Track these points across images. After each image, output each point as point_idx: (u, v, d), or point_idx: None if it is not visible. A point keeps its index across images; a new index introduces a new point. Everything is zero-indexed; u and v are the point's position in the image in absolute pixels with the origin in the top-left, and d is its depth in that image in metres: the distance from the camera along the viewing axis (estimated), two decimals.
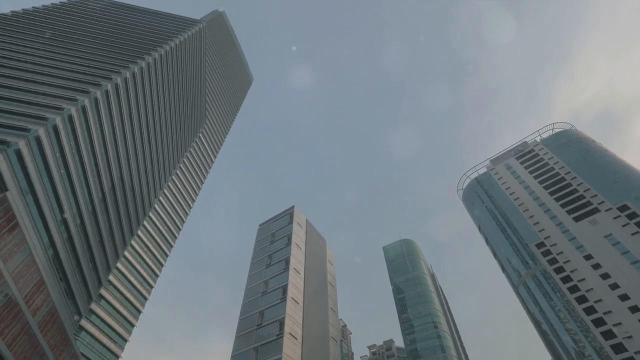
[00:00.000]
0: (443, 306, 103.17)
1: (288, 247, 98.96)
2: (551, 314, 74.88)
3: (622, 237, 74.26)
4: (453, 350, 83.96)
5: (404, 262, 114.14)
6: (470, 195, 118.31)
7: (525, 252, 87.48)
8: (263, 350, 74.55)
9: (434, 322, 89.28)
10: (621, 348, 60.43)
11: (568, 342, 69.61)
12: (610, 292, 67.51)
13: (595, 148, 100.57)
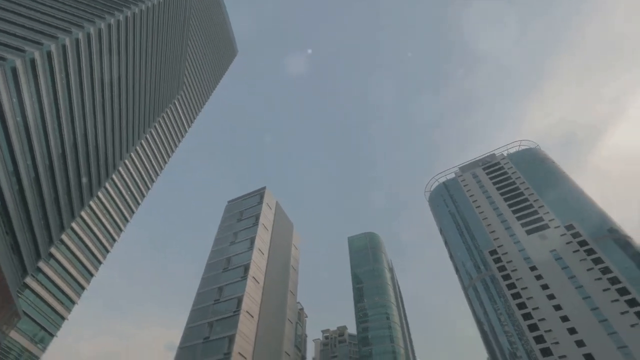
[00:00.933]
0: (397, 299, 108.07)
1: (255, 227, 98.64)
2: (493, 316, 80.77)
3: (564, 253, 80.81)
4: (401, 341, 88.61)
5: (367, 254, 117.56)
6: (436, 198, 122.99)
7: (478, 257, 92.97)
8: (218, 325, 74.64)
9: (387, 314, 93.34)
10: (548, 352, 66.66)
11: (504, 343, 75.69)
12: (547, 302, 73.71)
13: (554, 169, 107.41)
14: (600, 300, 68.51)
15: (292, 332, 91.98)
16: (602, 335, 64.08)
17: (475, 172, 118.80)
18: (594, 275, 73.21)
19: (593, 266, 74.56)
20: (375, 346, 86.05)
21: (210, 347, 70.81)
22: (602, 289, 69.94)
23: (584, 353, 63.60)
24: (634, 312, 64.10)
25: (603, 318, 66.02)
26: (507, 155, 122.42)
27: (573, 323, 68.10)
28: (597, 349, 62.90)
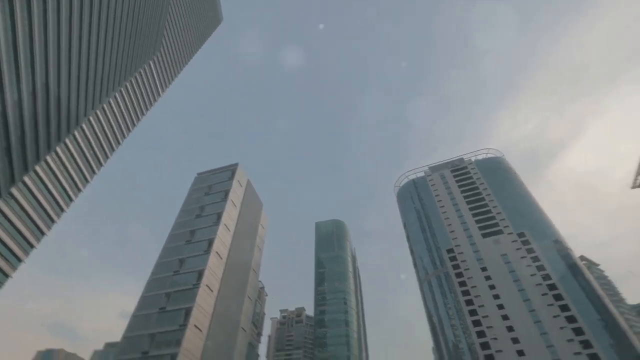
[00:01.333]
0: (356, 286, 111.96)
1: (223, 203, 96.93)
2: (442, 310, 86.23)
3: (513, 258, 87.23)
4: (355, 326, 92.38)
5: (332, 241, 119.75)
6: (404, 194, 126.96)
7: (436, 254, 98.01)
8: (176, 296, 73.57)
9: (345, 299, 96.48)
10: (487, 346, 72.60)
11: (449, 335, 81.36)
12: (492, 301, 79.70)
13: (514, 179, 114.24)
14: (538, 305, 75.17)
15: (250, 309, 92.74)
16: (535, 335, 70.68)
17: (444, 174, 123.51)
18: (535, 281, 79.92)
19: (536, 272, 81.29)
20: (330, 329, 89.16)
21: (166, 318, 69.84)
22: (541, 294, 76.70)
23: (517, 349, 69.96)
24: (564, 316, 71.06)
25: (538, 319, 72.70)
26: (475, 161, 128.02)
27: (512, 322, 74.36)
28: (529, 347, 69.42)
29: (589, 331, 68.15)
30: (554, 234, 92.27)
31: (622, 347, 66.71)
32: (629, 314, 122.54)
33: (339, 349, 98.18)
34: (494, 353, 70.69)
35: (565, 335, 68.64)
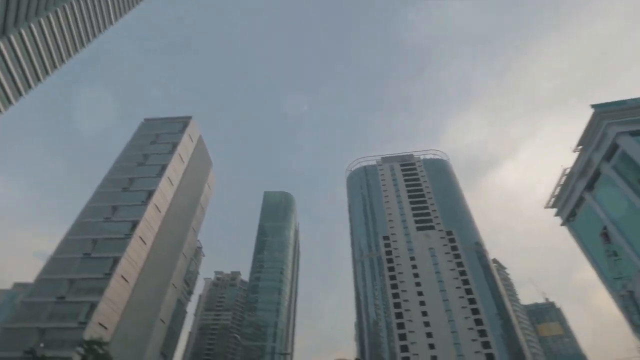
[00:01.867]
0: (294, 259, 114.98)
1: (170, 155, 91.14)
2: (370, 290, 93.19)
3: (439, 252, 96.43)
4: (287, 296, 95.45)
5: (278, 212, 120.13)
6: (354, 178, 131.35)
7: (373, 239, 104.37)
8: (104, 244, 68.80)
9: (282, 269, 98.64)
10: (402, 326, 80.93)
11: (372, 313, 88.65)
12: (414, 287, 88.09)
13: (454, 183, 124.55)
14: (451, 296, 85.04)
15: (184, 266, 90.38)
16: (443, 322, 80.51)
17: (393, 166, 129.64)
18: (453, 275, 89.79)
19: (455, 267, 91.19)
20: (263, 295, 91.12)
21: (90, 264, 65.22)
22: (456, 287, 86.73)
23: (427, 332, 79.07)
24: (470, 308, 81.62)
25: (449, 308, 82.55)
26: (423, 159, 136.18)
27: (427, 308, 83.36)
28: (437, 330, 78.86)
29: (487, 322, 79.47)
30: (476, 236, 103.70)
31: (510, 338, 79.47)
32: (520, 312, 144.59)
33: (268, 314, 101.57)
34: (407, 333, 79.06)
35: (468, 324, 79.16)
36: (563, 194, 72.39)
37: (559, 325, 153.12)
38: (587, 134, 64.21)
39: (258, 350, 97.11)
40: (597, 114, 61.33)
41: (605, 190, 61.01)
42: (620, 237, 56.30)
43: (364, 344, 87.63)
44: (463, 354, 74.53)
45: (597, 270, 61.96)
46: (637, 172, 51.83)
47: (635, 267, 52.36)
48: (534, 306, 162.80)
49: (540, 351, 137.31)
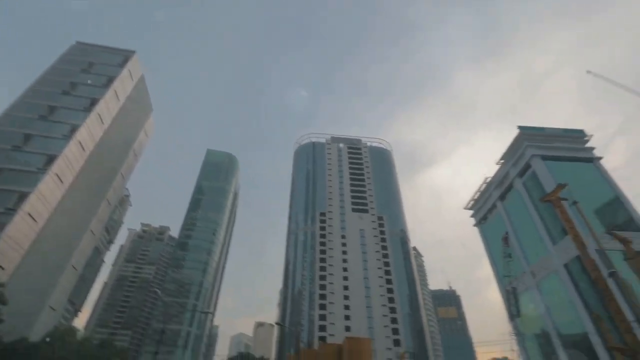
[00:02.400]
0: (229, 223, 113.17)
1: (104, 89, 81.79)
2: (299, 261, 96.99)
3: (368, 234, 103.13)
4: (217, 258, 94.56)
5: (219, 172, 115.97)
6: (302, 152, 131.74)
7: (311, 213, 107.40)
8: (9, 175, 61.05)
9: (215, 230, 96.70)
10: (324, 297, 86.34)
11: (297, 282, 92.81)
12: (341, 263, 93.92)
13: (392, 173, 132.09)
14: (372, 275, 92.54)
15: (106, 212, 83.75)
16: (361, 296, 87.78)
17: (341, 147, 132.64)
18: (377, 256, 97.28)
19: (380, 250, 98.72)
20: (191, 253, 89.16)
21: None
22: (377, 267, 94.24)
23: (345, 304, 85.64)
24: (386, 287, 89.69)
25: (368, 286, 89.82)
26: (369, 146, 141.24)
27: (349, 283, 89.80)
28: (355, 303, 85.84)
29: (398, 301, 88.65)
30: (402, 224, 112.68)
31: (415, 317, 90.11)
32: (427, 296, 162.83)
33: (194, 273, 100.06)
34: (327, 303, 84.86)
35: (382, 302, 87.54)
36: (481, 199, 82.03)
37: (455, 310, 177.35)
38: (509, 151, 72.93)
39: (178, 306, 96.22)
40: (521, 135, 69.79)
41: (513, 202, 70.55)
42: (516, 243, 66.07)
43: (286, 310, 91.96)
44: (373, 327, 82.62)
45: (493, 267, 72.33)
46: (540, 192, 60.34)
47: (522, 268, 62.22)
48: (439, 292, 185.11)
49: (437, 330, 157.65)
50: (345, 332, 76.56)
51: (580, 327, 49.95)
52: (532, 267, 61.81)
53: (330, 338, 75.01)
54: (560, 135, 69.62)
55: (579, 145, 68.04)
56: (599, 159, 65.05)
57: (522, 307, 56.76)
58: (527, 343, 59.07)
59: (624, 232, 44.21)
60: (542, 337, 58.14)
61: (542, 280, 59.49)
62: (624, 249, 35.16)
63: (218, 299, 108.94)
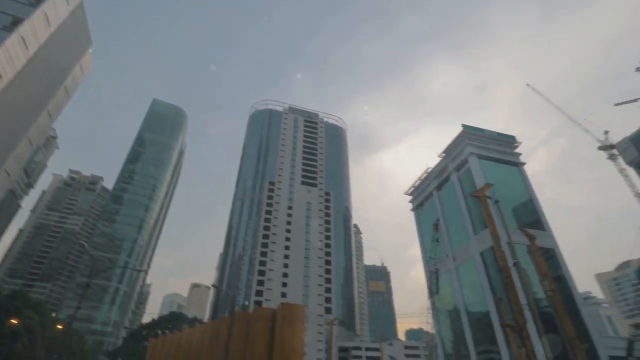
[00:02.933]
0: (172, 181, 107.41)
1: (31, 9, 70.19)
2: (243, 227, 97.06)
3: (314, 208, 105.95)
4: (155, 215, 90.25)
5: (165, 125, 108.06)
6: (257, 118, 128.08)
7: (260, 181, 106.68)
8: None
9: (155, 186, 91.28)
10: (264, 264, 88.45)
11: (239, 247, 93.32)
12: (284, 233, 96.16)
13: (344, 151, 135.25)
14: (313, 247, 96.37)
15: (27, 153, 74.58)
16: (300, 265, 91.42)
17: (298, 119, 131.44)
18: (319, 230, 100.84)
19: (323, 224, 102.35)
20: (126, 208, 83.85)
21: None
22: (319, 240, 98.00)
23: (284, 272, 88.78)
24: (325, 259, 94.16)
25: (308, 256, 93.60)
26: (325, 121, 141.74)
27: (290, 252, 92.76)
28: (293, 272, 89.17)
29: (334, 273, 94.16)
30: (347, 202, 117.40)
31: (347, 287, 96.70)
32: (360, 270, 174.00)
33: (128, 229, 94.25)
34: (266, 270, 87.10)
35: (319, 272, 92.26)
36: (420, 187, 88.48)
37: (384, 284, 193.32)
38: (451, 146, 79.08)
39: (108, 262, 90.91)
40: (463, 132, 76.00)
41: (447, 193, 77.39)
42: (444, 229, 73.23)
43: (225, 273, 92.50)
44: (308, 294, 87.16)
45: (422, 250, 79.67)
46: (471, 187, 66.81)
47: (446, 252, 69.53)
48: (372, 267, 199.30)
49: (365, 301, 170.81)
50: (282, 298, 79.85)
51: (485, 307, 58.23)
52: (454, 252, 69.47)
53: (266, 303, 77.79)
54: (495, 138, 76.83)
55: (509, 149, 75.87)
56: (523, 164, 73.49)
57: (441, 286, 63.77)
58: (441, 317, 67.27)
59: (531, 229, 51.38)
60: (454, 312, 66.69)
61: (460, 265, 67.33)
62: (529, 243, 41.08)
63: (153, 258, 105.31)
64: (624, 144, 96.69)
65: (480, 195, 37.20)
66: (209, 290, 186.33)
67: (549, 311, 45.85)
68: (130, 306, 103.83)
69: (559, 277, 54.70)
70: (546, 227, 62.42)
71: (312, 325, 78.38)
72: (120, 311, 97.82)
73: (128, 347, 54.59)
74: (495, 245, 34.41)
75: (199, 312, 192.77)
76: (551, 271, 50.46)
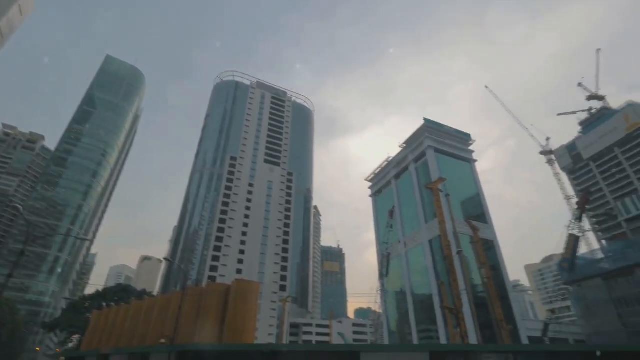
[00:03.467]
0: (124, 148, 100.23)
1: None
2: (200, 201, 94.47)
3: (275, 187, 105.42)
4: (103, 182, 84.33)
5: (119, 86, 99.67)
6: (223, 89, 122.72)
7: (221, 155, 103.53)
8: None
9: (105, 151, 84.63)
10: (220, 240, 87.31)
11: (195, 222, 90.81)
12: (243, 210, 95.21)
13: (310, 133, 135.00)
14: (272, 225, 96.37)
15: None
16: (257, 243, 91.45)
17: (265, 95, 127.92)
18: (279, 209, 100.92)
19: (284, 203, 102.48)
20: (71, 172, 77.29)
21: None
22: (278, 219, 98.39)
23: (240, 249, 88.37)
24: (283, 238, 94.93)
25: (266, 234, 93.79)
26: (293, 101, 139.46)
27: (248, 230, 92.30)
28: (250, 249, 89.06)
29: (291, 252, 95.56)
30: (309, 183, 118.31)
31: (303, 266, 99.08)
32: (317, 251, 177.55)
33: (72, 194, 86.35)
34: (222, 246, 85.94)
35: (276, 250, 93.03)
36: (380, 174, 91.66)
37: (339, 265, 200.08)
38: (412, 138, 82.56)
39: (47, 228, 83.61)
40: (424, 126, 79.72)
41: (404, 182, 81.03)
42: (399, 216, 76.90)
43: (178, 247, 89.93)
44: (264, 272, 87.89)
45: (376, 234, 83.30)
46: (427, 179, 70.49)
47: (398, 238, 73.30)
48: (328, 248, 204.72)
49: (319, 280, 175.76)
50: (237, 274, 79.73)
51: (429, 290, 62.81)
52: (406, 238, 73.56)
53: (220, 278, 77.27)
54: (453, 134, 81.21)
55: (464, 146, 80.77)
56: (475, 161, 78.74)
57: (391, 270, 67.44)
58: (388, 298, 71.52)
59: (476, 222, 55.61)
60: (400, 294, 71.26)
61: (410, 250, 71.57)
62: (472, 234, 44.52)
63: (100, 227, 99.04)
64: (561, 151, 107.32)
65: (433, 187, 39.64)
66: (161, 264, 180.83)
67: (483, 296, 50.56)
68: (71, 276, 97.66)
69: (494, 266, 60.29)
70: (489, 221, 68.01)
71: (265, 302, 79.60)
72: (59, 281, 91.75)
73: (68, 318, 51.81)
74: (442, 235, 36.96)
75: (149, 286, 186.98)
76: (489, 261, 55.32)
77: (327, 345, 51.81)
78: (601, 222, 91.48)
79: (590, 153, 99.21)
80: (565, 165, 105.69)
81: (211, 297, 34.24)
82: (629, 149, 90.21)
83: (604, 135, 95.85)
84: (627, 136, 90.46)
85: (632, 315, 49.79)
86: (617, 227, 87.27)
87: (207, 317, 31.04)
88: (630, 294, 50.29)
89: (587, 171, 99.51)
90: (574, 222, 50.10)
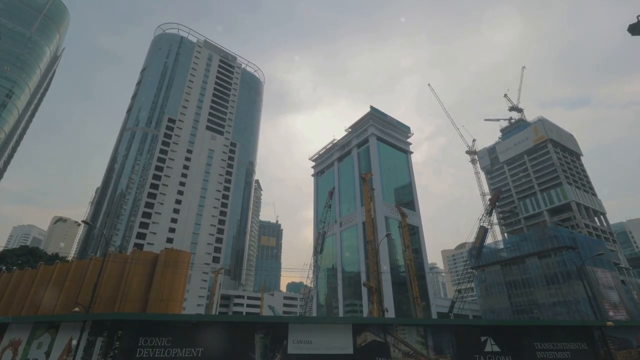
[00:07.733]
0: (38, 90, 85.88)
1: None
2: (130, 163, 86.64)
3: (216, 156, 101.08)
4: (8, 127, 72.09)
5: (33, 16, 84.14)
6: (165, 41, 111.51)
7: (158, 115, 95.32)
8: None
9: (11, 91, 71.49)
10: (151, 206, 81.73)
11: (122, 184, 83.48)
12: (179, 177, 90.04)
13: (258, 104, 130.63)
14: (209, 195, 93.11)
15: None
16: (192, 213, 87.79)
17: (213, 56, 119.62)
18: (219, 180, 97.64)
19: (224, 174, 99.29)
20: None
21: None
22: (216, 190, 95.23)
23: (173, 217, 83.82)
24: (220, 210, 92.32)
25: (202, 205, 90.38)
26: (243, 68, 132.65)
27: (183, 198, 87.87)
28: (184, 218, 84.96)
29: (228, 224, 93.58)
30: (253, 157, 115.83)
31: (239, 239, 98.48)
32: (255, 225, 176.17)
33: None
34: (153, 213, 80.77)
35: (212, 222, 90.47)
36: (324, 155, 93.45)
37: (275, 240, 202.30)
38: (358, 123, 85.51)
39: None
40: (370, 114, 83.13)
41: (346, 165, 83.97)
42: (337, 197, 79.82)
43: (101, 210, 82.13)
44: (197, 243, 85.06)
45: (315, 213, 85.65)
46: (367, 164, 73.94)
47: (335, 218, 76.29)
48: (267, 223, 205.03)
49: (255, 253, 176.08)
50: (167, 243, 76.00)
51: (357, 268, 67.12)
52: (342, 219, 76.97)
53: (148, 247, 72.92)
54: (395, 125, 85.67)
55: (403, 137, 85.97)
56: (411, 153, 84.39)
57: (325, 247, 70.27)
58: (320, 274, 74.74)
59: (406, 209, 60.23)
60: (332, 270, 75.09)
61: (344, 230, 75.22)
62: (401, 219, 48.15)
63: (1, 180, 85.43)
64: (483, 153, 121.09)
65: (366, 178, 42.20)
66: (79, 227, 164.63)
67: (404, 275, 55.61)
68: None
69: (416, 249, 66.47)
70: (417, 209, 74.12)
71: (197, 273, 77.61)
72: None
73: None
74: (367, 222, 39.53)
75: (63, 251, 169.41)
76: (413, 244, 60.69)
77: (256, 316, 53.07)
78: (506, 218, 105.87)
79: (506, 157, 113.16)
80: (485, 166, 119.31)
81: (136, 266, 32.38)
82: (534, 157, 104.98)
83: (518, 143, 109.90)
84: (534, 146, 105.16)
85: (518, 296, 59.38)
86: (517, 223, 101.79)
87: (130, 286, 29.36)
88: (519, 279, 59.72)
89: (501, 172, 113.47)
90: (485, 216, 57.01)
